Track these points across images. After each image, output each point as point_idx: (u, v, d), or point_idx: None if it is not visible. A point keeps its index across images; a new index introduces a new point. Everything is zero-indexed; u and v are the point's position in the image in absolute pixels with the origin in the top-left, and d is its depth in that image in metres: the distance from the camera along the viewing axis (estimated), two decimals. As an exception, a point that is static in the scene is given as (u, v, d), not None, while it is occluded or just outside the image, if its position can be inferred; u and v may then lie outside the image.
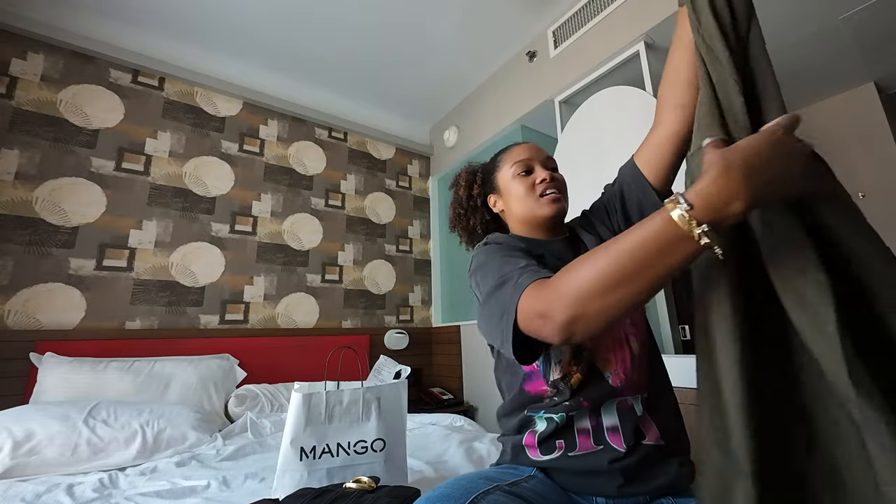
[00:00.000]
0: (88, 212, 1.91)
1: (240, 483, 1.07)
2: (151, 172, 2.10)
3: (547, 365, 0.70)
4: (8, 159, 1.77)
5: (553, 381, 0.68)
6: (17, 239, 1.74)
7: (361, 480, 0.80)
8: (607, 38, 1.94)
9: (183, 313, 2.06)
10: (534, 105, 2.33)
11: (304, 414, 0.94)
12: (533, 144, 0.85)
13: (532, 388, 0.72)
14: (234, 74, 2.46)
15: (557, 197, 0.77)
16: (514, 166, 0.81)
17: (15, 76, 1.85)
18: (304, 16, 2.18)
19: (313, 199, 2.62)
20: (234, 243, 2.28)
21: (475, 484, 0.59)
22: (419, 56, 2.51)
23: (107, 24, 2.11)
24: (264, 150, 2.49)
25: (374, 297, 2.74)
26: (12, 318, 1.68)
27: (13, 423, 1.21)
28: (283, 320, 2.35)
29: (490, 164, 0.89)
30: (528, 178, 0.79)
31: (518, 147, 0.85)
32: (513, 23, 2.30)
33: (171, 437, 1.38)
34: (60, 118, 1.92)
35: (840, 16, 1.72)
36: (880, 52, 1.97)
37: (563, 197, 0.79)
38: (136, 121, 2.10)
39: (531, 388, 0.72)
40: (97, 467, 1.23)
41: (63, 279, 1.80)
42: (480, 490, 0.57)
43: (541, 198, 0.78)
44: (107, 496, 1.02)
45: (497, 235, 0.78)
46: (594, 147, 1.82)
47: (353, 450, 0.94)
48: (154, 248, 2.04)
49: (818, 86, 2.25)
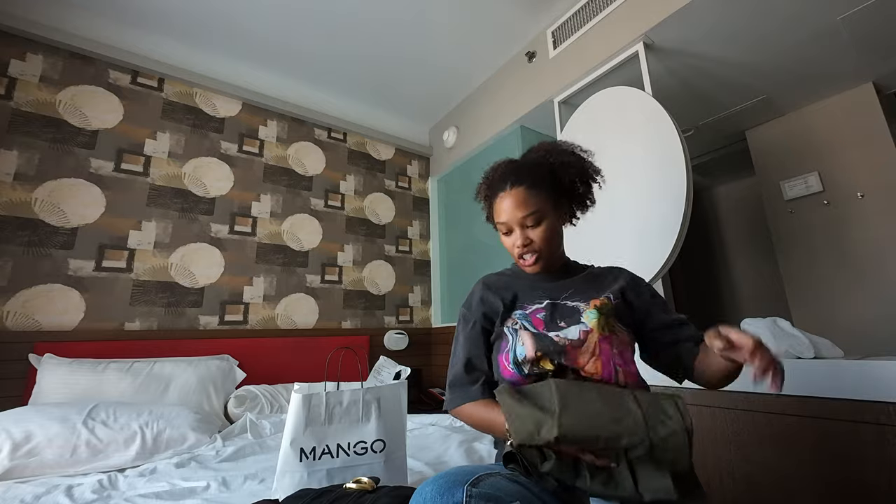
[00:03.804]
0: (87, 213, 1.91)
1: (239, 484, 1.07)
2: (151, 173, 2.10)
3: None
4: (7, 160, 1.77)
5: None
6: (16, 240, 1.74)
7: (361, 481, 0.80)
8: (606, 39, 1.94)
9: (182, 314, 2.06)
10: (533, 105, 2.33)
11: (304, 415, 0.94)
12: (511, 201, 0.83)
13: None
14: (234, 75, 2.46)
15: (531, 263, 0.85)
16: (498, 225, 0.88)
17: (14, 77, 1.85)
18: (303, 16, 2.18)
19: (313, 199, 2.62)
20: (234, 244, 2.28)
21: (478, 469, 0.63)
22: (418, 56, 2.52)
23: (106, 25, 2.11)
24: (263, 151, 2.49)
25: (374, 297, 2.74)
26: (11, 320, 1.68)
27: (12, 425, 1.21)
28: (282, 321, 2.35)
29: (487, 204, 0.93)
30: (509, 239, 0.87)
31: (499, 204, 0.86)
32: (512, 23, 2.30)
33: (170, 438, 1.37)
34: (59, 119, 1.92)
35: (838, 16, 1.73)
36: (879, 53, 1.97)
37: (540, 256, 0.84)
38: (135, 122, 2.10)
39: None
40: (96, 468, 1.22)
41: (62, 280, 1.80)
42: (483, 472, 0.61)
43: (519, 259, 0.86)
44: (106, 497, 1.02)
45: (487, 278, 0.92)
46: (593, 147, 1.81)
47: (352, 451, 0.94)
48: (153, 248, 2.04)
49: (816, 86, 2.25)
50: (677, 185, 1.47)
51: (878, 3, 1.65)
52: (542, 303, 0.83)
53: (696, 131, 2.62)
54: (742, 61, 1.98)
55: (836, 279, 2.26)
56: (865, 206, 2.19)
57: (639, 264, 1.55)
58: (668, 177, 1.51)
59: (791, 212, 2.48)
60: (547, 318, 0.80)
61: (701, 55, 1.92)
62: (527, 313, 0.82)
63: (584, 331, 0.76)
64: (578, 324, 0.77)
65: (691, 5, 1.62)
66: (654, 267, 1.51)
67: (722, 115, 2.48)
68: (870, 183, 2.19)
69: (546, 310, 0.82)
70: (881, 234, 2.13)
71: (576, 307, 0.81)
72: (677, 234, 1.45)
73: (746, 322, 1.32)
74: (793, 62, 2.02)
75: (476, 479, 0.57)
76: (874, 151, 2.18)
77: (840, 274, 2.25)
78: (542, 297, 0.85)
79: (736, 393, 1.26)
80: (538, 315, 0.81)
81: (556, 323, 0.79)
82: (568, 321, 0.79)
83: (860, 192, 2.21)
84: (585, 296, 0.84)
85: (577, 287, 0.86)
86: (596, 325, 0.76)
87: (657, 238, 1.52)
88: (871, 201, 2.18)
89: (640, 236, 1.60)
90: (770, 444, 1.17)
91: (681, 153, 1.48)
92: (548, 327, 0.79)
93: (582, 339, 0.75)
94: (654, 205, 1.56)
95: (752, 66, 2.03)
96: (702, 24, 1.73)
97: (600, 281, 0.89)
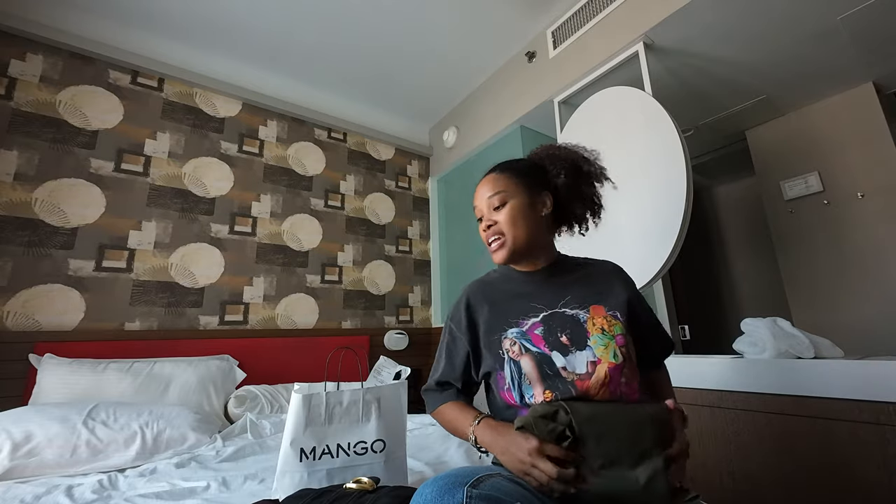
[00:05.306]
0: (87, 213, 1.91)
1: (239, 484, 1.07)
2: (151, 173, 2.10)
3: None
4: (7, 160, 1.77)
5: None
6: (16, 240, 1.74)
7: (361, 481, 0.79)
8: (606, 39, 1.94)
9: (182, 314, 2.06)
10: (533, 105, 2.33)
11: (304, 415, 0.94)
12: (483, 181, 0.88)
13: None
14: (234, 75, 2.46)
15: (495, 248, 0.83)
16: (475, 213, 0.89)
17: (14, 77, 1.85)
18: (303, 16, 2.18)
19: (313, 199, 2.62)
20: (234, 244, 2.28)
21: (479, 470, 0.62)
22: (419, 56, 2.52)
23: (106, 25, 2.11)
24: (263, 151, 2.49)
25: (374, 297, 2.74)
26: (11, 320, 1.68)
27: (12, 425, 1.21)
28: (282, 321, 2.35)
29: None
30: (481, 226, 0.87)
31: (475, 194, 0.89)
32: (512, 23, 2.30)
33: (170, 438, 1.37)
34: (59, 119, 1.92)
35: (838, 16, 1.73)
36: (879, 53, 1.98)
37: (504, 242, 0.82)
38: (135, 122, 2.10)
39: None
40: (96, 469, 1.22)
41: (62, 280, 1.80)
42: (484, 473, 0.60)
43: (489, 246, 0.85)
44: (106, 497, 1.01)
45: (471, 287, 0.90)
46: (593, 147, 1.82)
47: (353, 451, 0.94)
48: (153, 248, 2.04)
49: (816, 86, 2.25)
50: (677, 185, 1.47)
51: (878, 3, 1.65)
52: (539, 316, 0.79)
53: (696, 131, 2.62)
54: (742, 61, 1.98)
55: (836, 279, 2.26)
56: (865, 206, 2.19)
57: (639, 264, 1.55)
58: (668, 177, 1.52)
59: (791, 212, 2.48)
60: (546, 332, 0.77)
61: (701, 55, 1.92)
62: (524, 331, 0.78)
63: (592, 362, 0.72)
64: (585, 349, 0.74)
65: (691, 5, 1.62)
66: (654, 267, 1.51)
67: (722, 115, 2.48)
68: (870, 183, 2.19)
69: (543, 323, 0.78)
70: (881, 234, 2.13)
71: (575, 316, 0.78)
72: (677, 234, 1.45)
73: (746, 322, 1.32)
74: (792, 62, 2.02)
75: (476, 480, 0.57)
76: (874, 151, 2.18)
77: (840, 274, 2.25)
78: (537, 307, 0.81)
79: (736, 393, 1.26)
80: (536, 331, 0.77)
81: (556, 337, 0.76)
82: (570, 336, 0.76)
83: (860, 192, 2.21)
84: (584, 301, 0.80)
85: (574, 291, 0.82)
86: (604, 353, 0.73)
87: (657, 238, 1.52)
88: (871, 201, 2.18)
89: (640, 236, 1.60)
90: (770, 444, 1.17)
91: (681, 153, 1.48)
92: (549, 344, 0.75)
93: (590, 371, 0.72)
94: (654, 205, 1.56)
95: (752, 66, 2.03)
96: (702, 24, 1.73)
97: (597, 280, 0.85)
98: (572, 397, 0.70)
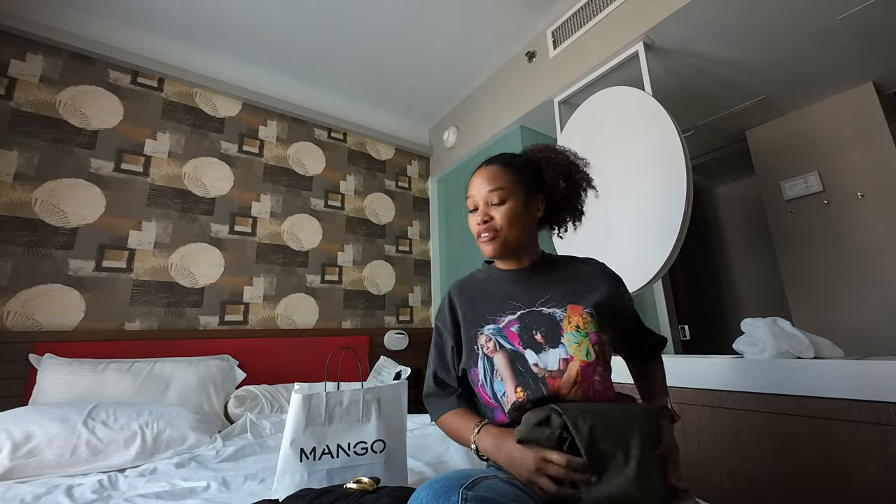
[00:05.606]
0: (87, 213, 1.91)
1: (239, 484, 1.07)
2: (151, 173, 2.10)
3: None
4: (7, 160, 1.77)
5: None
6: (16, 240, 1.74)
7: (362, 481, 0.79)
8: (606, 39, 1.94)
9: (182, 314, 2.06)
10: (533, 105, 2.33)
11: (304, 415, 0.94)
12: (480, 178, 0.85)
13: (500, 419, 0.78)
14: (234, 75, 2.46)
15: (486, 241, 0.82)
16: (467, 202, 0.86)
17: (14, 77, 1.85)
18: (303, 16, 2.18)
19: (313, 199, 2.62)
20: (234, 244, 2.28)
21: (475, 472, 0.63)
22: (418, 56, 2.52)
23: (106, 25, 2.10)
24: (263, 151, 2.49)
25: (374, 297, 2.74)
26: (11, 320, 1.68)
27: (12, 425, 1.20)
28: (282, 321, 2.35)
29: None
30: (473, 217, 0.85)
31: (471, 182, 0.86)
32: (512, 23, 2.30)
33: (170, 438, 1.37)
34: (59, 119, 1.92)
35: (838, 16, 1.73)
36: (879, 52, 1.98)
37: (498, 237, 0.81)
38: (135, 122, 2.10)
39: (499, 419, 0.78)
40: (96, 469, 1.22)
41: (62, 280, 1.80)
42: (479, 475, 0.60)
43: (479, 238, 0.84)
44: (106, 497, 1.01)
45: (455, 285, 0.90)
46: (593, 147, 1.82)
47: (353, 451, 0.94)
48: (153, 248, 2.04)
49: (816, 86, 2.25)
50: (677, 185, 1.47)
51: (878, 3, 1.65)
52: (516, 313, 0.79)
53: (696, 131, 2.62)
54: (742, 61, 1.98)
55: (836, 279, 2.26)
56: (865, 206, 2.19)
57: (639, 264, 1.55)
58: (668, 177, 1.52)
59: (791, 212, 2.48)
60: (521, 330, 0.77)
61: (701, 55, 1.92)
62: (500, 327, 0.78)
63: (565, 359, 0.72)
64: (558, 347, 0.74)
65: (691, 5, 1.62)
66: (654, 267, 1.51)
67: (722, 115, 2.48)
68: (870, 183, 2.19)
69: (520, 321, 0.78)
70: (881, 234, 2.13)
71: (552, 315, 0.77)
72: (677, 234, 1.45)
73: (746, 322, 1.32)
74: (792, 62, 2.02)
75: (472, 483, 0.57)
76: (874, 151, 2.18)
77: (840, 274, 2.25)
78: (515, 305, 0.81)
79: (736, 393, 1.26)
80: (512, 328, 0.77)
81: (531, 334, 0.76)
82: (544, 334, 0.75)
83: (860, 192, 2.21)
84: (563, 300, 0.79)
85: (554, 290, 0.82)
86: (577, 351, 0.73)
87: (657, 238, 1.52)
88: (871, 201, 2.18)
89: (640, 236, 1.60)
90: (770, 445, 1.17)
91: (681, 153, 1.48)
92: (523, 342, 0.75)
93: (562, 368, 0.71)
94: (654, 205, 1.56)
95: (752, 66, 2.03)
96: (702, 24, 1.73)
97: (579, 279, 0.85)
98: (552, 397, 0.70)
